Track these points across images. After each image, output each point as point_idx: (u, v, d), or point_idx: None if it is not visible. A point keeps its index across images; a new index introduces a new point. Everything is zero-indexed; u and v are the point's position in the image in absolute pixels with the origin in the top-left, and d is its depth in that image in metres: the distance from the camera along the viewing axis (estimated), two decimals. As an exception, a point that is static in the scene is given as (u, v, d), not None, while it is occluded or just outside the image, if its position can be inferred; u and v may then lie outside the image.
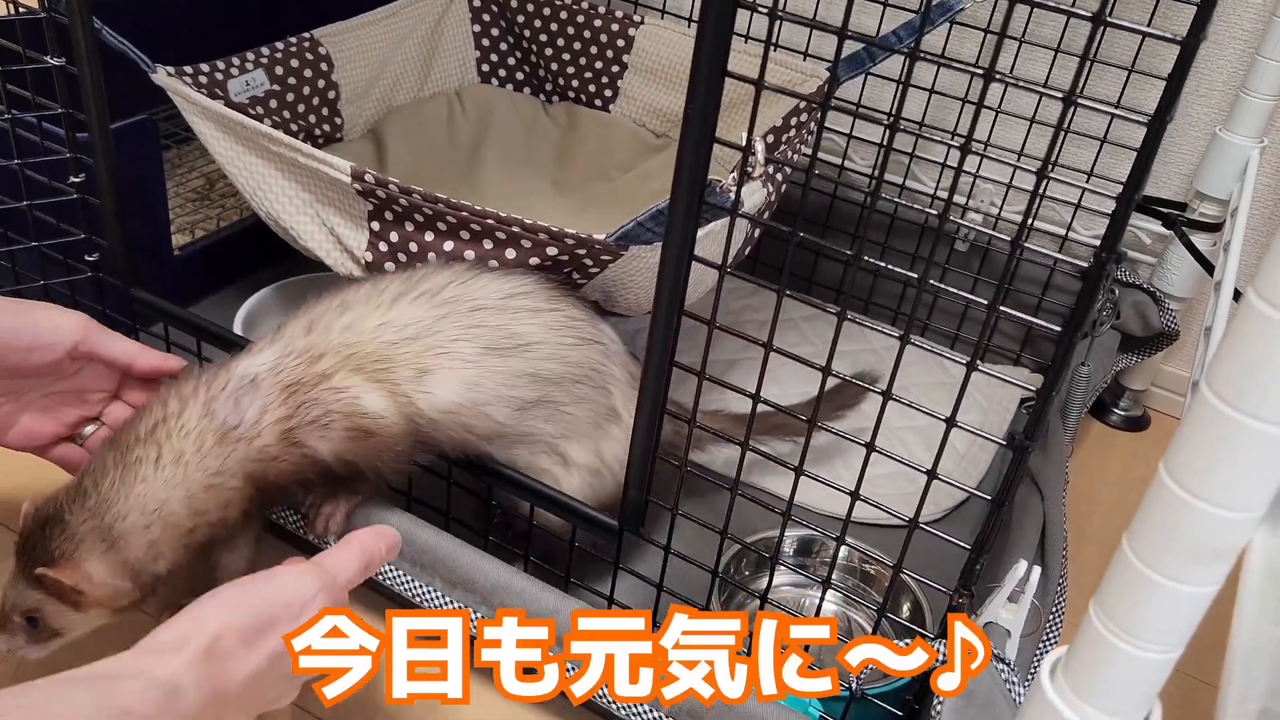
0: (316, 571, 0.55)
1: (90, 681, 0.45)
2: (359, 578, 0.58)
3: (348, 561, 0.57)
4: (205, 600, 0.51)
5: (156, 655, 0.48)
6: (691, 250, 0.57)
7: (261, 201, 0.85)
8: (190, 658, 0.48)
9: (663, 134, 1.12)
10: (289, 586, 0.53)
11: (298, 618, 0.52)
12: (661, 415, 0.63)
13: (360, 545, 0.58)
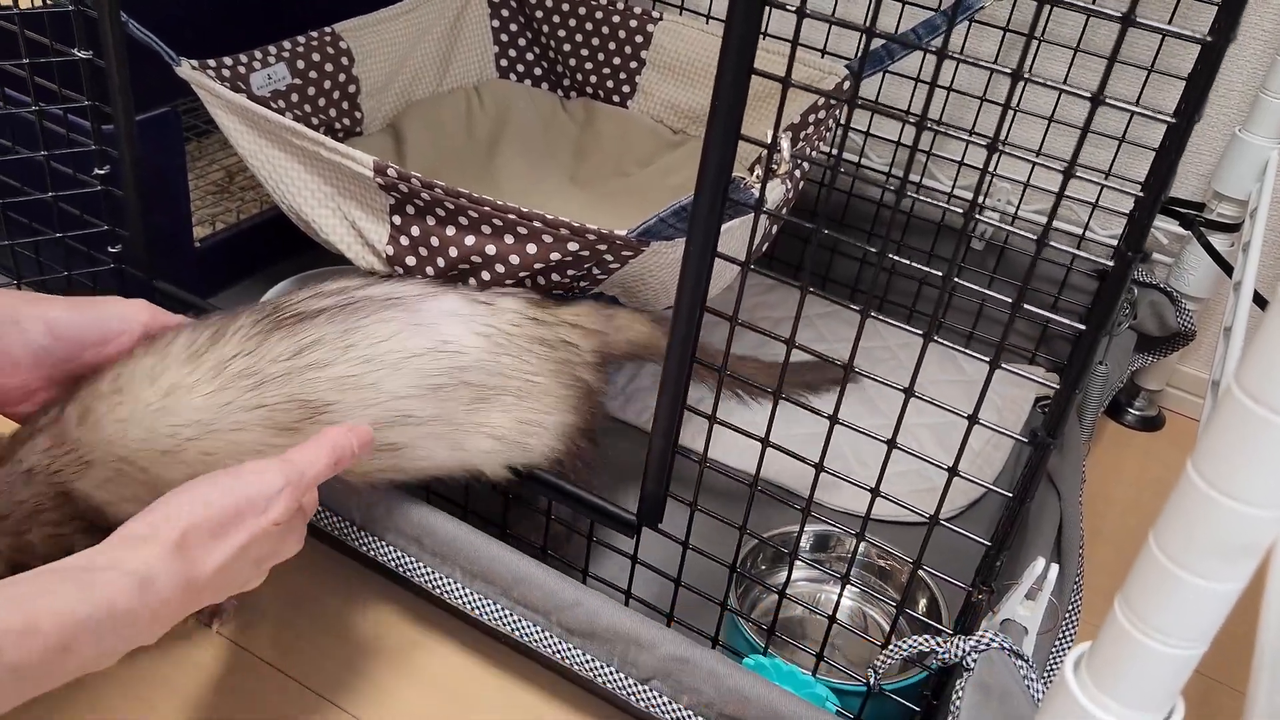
0: (283, 466, 0.56)
1: (73, 574, 0.48)
2: (328, 472, 0.59)
3: (316, 457, 0.58)
4: (176, 493, 0.53)
5: (130, 547, 0.50)
6: (715, 247, 0.57)
7: (283, 194, 0.85)
8: (161, 549, 0.50)
9: (680, 130, 1.13)
10: (255, 481, 0.55)
11: (264, 511, 0.54)
12: (682, 411, 0.64)
13: (331, 440, 0.59)
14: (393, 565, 0.72)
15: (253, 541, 0.54)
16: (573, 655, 0.67)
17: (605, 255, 0.75)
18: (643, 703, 0.65)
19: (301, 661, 0.74)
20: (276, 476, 0.55)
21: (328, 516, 0.74)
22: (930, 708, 0.64)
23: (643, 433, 0.96)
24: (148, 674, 0.71)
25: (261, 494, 0.54)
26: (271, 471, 0.55)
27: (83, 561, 0.49)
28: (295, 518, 0.57)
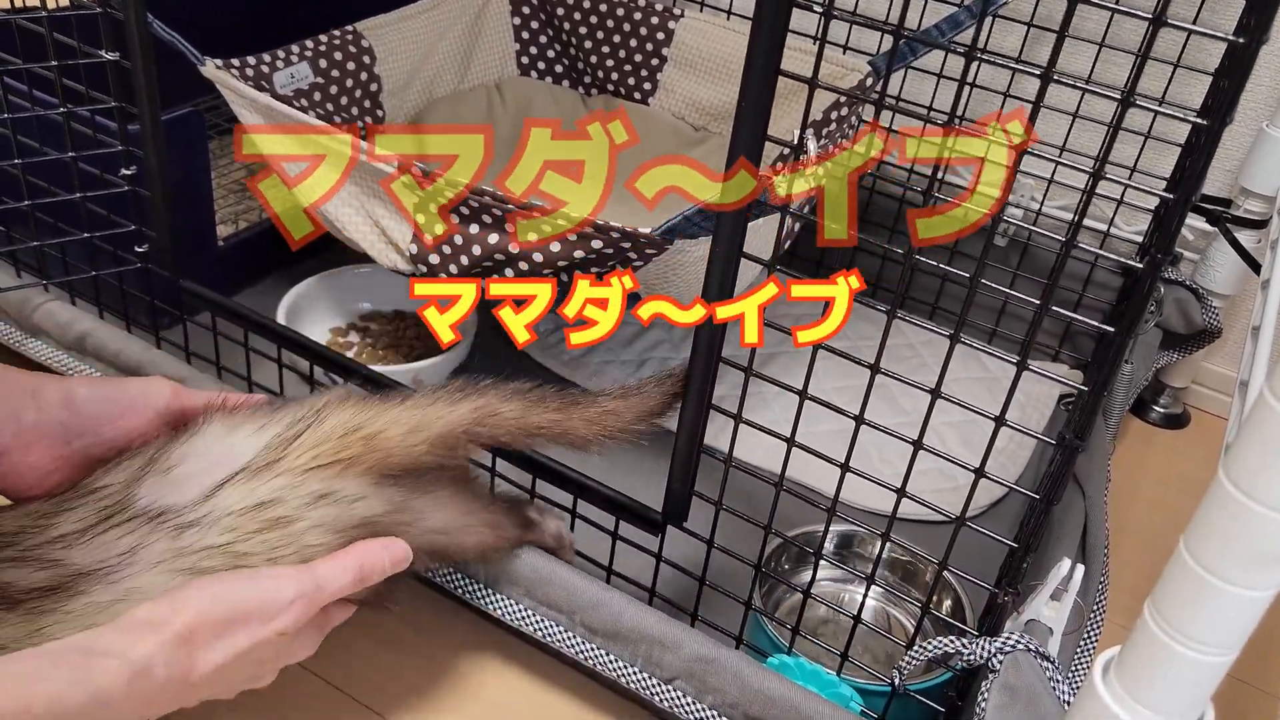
0: (301, 576, 0.55)
1: (72, 658, 0.47)
2: (351, 588, 0.57)
3: (340, 571, 0.56)
4: (188, 586, 0.52)
5: (133, 634, 0.49)
6: (741, 245, 0.57)
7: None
8: (164, 640, 0.49)
9: (701, 127, 1.12)
10: (268, 586, 0.53)
11: (271, 620, 0.53)
12: (707, 410, 0.64)
13: (359, 555, 0.57)
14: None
15: (256, 646, 0.53)
16: (596, 656, 0.67)
17: (629, 253, 0.75)
18: (666, 703, 0.65)
19: (321, 656, 0.74)
20: (291, 586, 0.54)
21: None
22: (955, 708, 0.64)
23: (666, 432, 0.96)
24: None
25: (273, 601, 0.53)
26: (287, 579, 0.54)
27: (85, 643, 0.48)
28: (310, 626, 0.56)
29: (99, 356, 0.82)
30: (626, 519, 0.70)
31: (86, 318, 0.84)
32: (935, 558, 0.62)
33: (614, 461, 0.92)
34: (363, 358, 0.98)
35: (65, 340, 0.84)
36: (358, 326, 1.03)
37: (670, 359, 1.05)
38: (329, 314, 1.03)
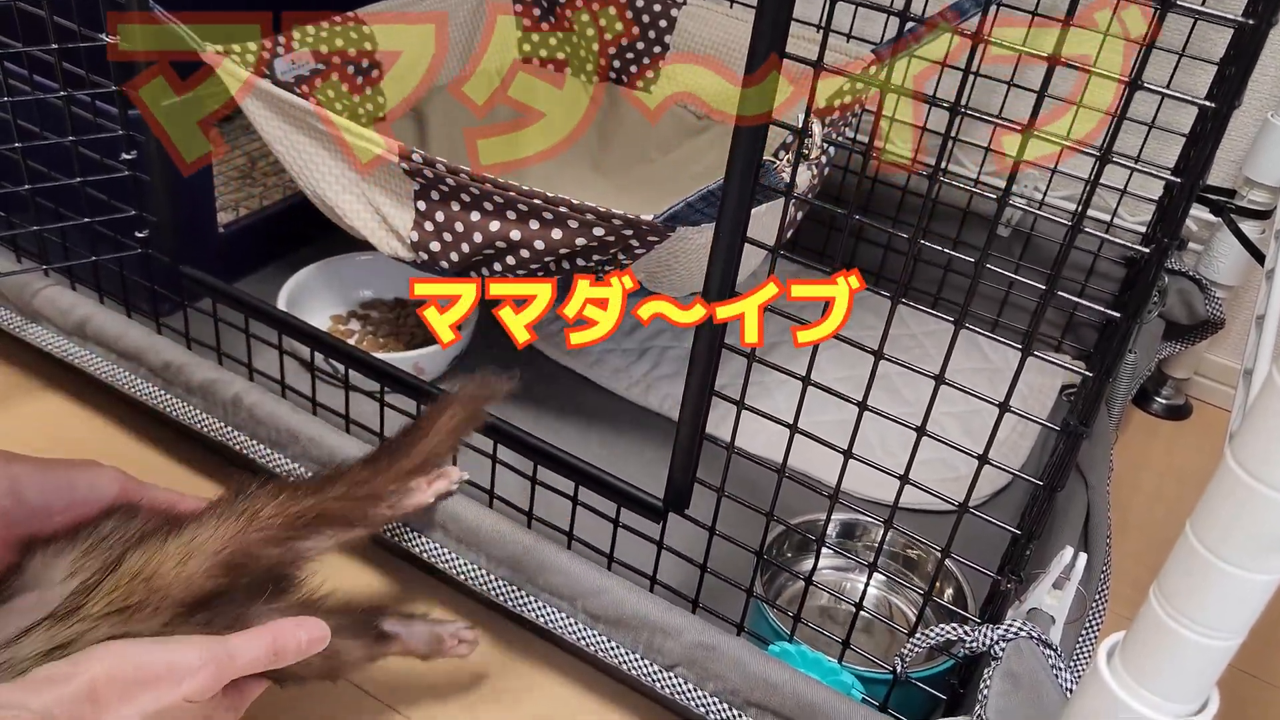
0: (210, 645, 0.54)
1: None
2: (262, 664, 0.56)
3: (253, 645, 0.56)
4: (95, 647, 0.52)
5: (37, 688, 0.49)
6: (745, 232, 0.57)
7: (308, 180, 0.85)
8: (68, 693, 0.49)
9: (704, 116, 1.12)
10: (176, 650, 0.53)
11: (178, 685, 0.52)
12: (710, 397, 0.63)
13: (274, 632, 0.57)
14: (417, 551, 0.72)
15: (164, 711, 0.52)
16: (598, 642, 0.67)
17: (631, 240, 0.75)
18: (668, 689, 0.65)
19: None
20: (197, 653, 0.53)
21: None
22: (956, 696, 0.64)
23: (667, 420, 0.96)
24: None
25: (181, 665, 0.52)
26: (195, 646, 0.54)
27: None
28: (225, 699, 0.55)
29: (99, 341, 0.82)
30: (628, 506, 0.70)
31: (87, 303, 0.83)
32: (938, 546, 0.62)
33: (613, 447, 0.92)
34: (363, 345, 0.98)
35: (66, 326, 0.83)
36: (358, 314, 1.03)
37: (671, 348, 1.05)
38: (330, 301, 1.02)
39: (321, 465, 0.74)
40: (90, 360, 0.82)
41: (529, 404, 0.94)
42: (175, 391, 0.79)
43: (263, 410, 0.76)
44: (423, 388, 0.75)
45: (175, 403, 0.79)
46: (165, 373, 0.79)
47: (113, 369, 0.82)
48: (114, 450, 0.87)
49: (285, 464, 0.75)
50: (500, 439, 0.73)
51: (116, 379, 0.81)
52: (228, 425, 0.78)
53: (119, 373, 0.81)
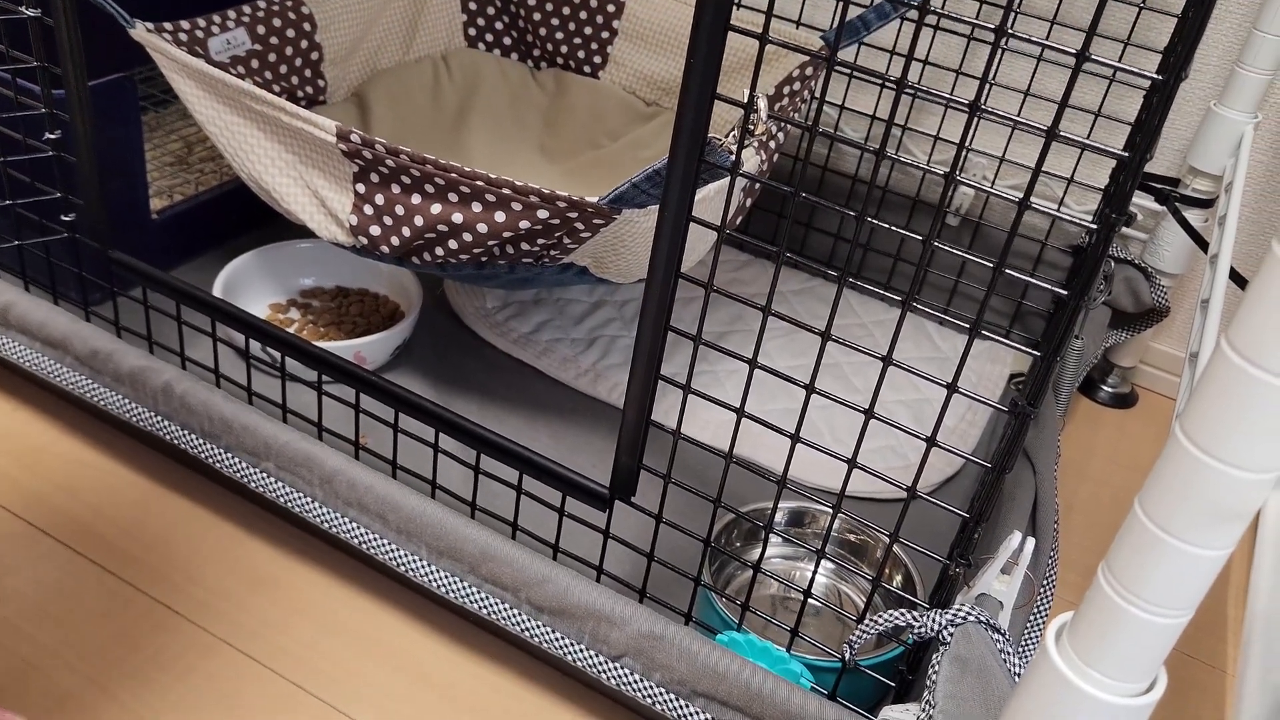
0: None
1: None
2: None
3: None
4: None
5: None
6: (690, 209, 0.56)
7: (243, 163, 0.83)
8: None
9: (653, 102, 1.11)
10: None
11: None
12: (655, 381, 0.62)
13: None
14: (356, 543, 0.70)
15: None
16: (542, 634, 0.65)
17: (576, 223, 0.73)
18: (614, 681, 0.64)
19: (263, 644, 0.72)
20: None
21: (287, 492, 0.71)
22: (906, 683, 0.64)
23: (616, 410, 0.94)
24: (116, 665, 0.68)
25: None
26: None
27: None
28: None
29: (22, 329, 0.79)
30: (573, 495, 0.68)
31: (9, 289, 0.80)
32: (886, 532, 0.61)
33: (561, 438, 0.90)
34: (304, 334, 0.95)
35: (-14, 313, 0.80)
36: (299, 303, 1.00)
37: (620, 337, 1.03)
38: (269, 289, 1.00)
39: (256, 456, 0.72)
40: (12, 349, 0.79)
41: (475, 393, 0.92)
42: (103, 380, 0.76)
43: (195, 399, 0.73)
44: (363, 376, 0.73)
45: (103, 392, 0.76)
46: (93, 361, 0.76)
47: (37, 358, 0.78)
48: (38, 443, 0.84)
49: (219, 455, 0.73)
50: (442, 427, 0.71)
51: (41, 368, 0.78)
52: (158, 415, 0.75)
53: (44, 361, 0.78)
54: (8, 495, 0.78)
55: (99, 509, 0.78)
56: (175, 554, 0.76)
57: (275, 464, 0.71)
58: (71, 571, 0.73)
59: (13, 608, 0.70)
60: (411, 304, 0.98)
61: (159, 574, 0.74)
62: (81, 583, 0.73)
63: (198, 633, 0.71)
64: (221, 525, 0.79)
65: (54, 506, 0.78)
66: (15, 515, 0.77)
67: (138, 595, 0.73)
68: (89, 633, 0.70)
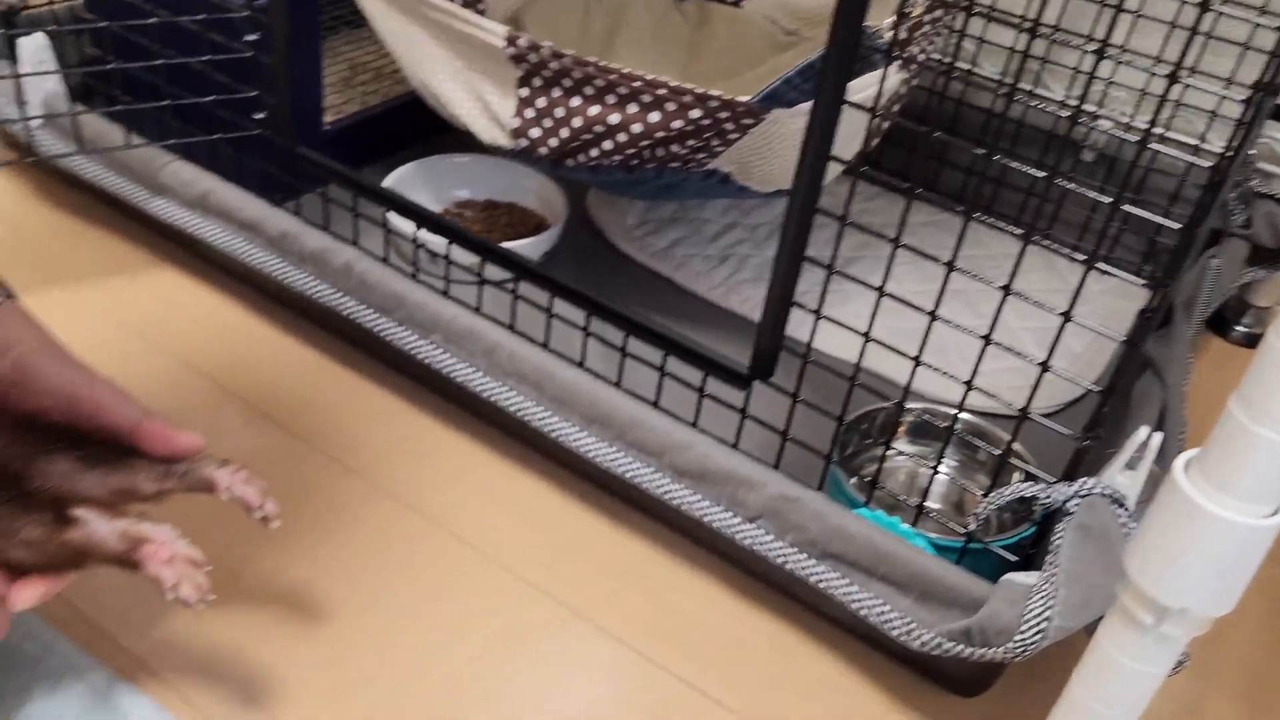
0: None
1: None
2: None
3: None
4: None
5: None
6: (843, 93, 0.59)
7: (416, 70, 0.89)
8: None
9: (793, 31, 1.14)
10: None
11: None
12: (800, 262, 0.66)
13: None
14: (512, 409, 0.76)
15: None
16: (683, 496, 0.70)
17: (726, 124, 0.77)
18: (748, 540, 0.68)
19: (421, 500, 0.78)
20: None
21: (452, 363, 0.78)
22: (1028, 559, 0.66)
23: (745, 321, 0.99)
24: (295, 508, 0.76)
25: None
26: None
27: None
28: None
29: (220, 214, 0.87)
30: (714, 374, 0.73)
31: (209, 177, 0.89)
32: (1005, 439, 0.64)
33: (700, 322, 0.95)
34: (458, 239, 1.02)
35: (189, 198, 0.89)
36: (452, 212, 1.07)
37: (752, 256, 1.07)
38: (426, 199, 1.07)
39: (425, 329, 0.79)
40: (210, 231, 0.88)
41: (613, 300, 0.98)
42: (290, 260, 0.84)
43: (372, 277, 0.80)
44: (522, 263, 0.79)
45: (289, 271, 0.84)
46: (281, 242, 0.84)
47: (231, 239, 0.87)
48: (227, 320, 0.92)
49: (391, 328, 0.80)
50: (594, 310, 0.76)
51: (234, 249, 0.86)
52: (337, 291, 0.82)
53: (237, 243, 0.86)
54: (204, 363, 0.87)
55: (278, 378, 0.87)
56: (344, 420, 0.84)
57: (442, 336, 0.78)
58: (259, 428, 0.82)
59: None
60: (557, 217, 1.04)
61: (331, 436, 0.82)
62: (266, 436, 0.81)
63: (365, 487, 0.79)
64: (384, 397, 0.86)
65: (241, 374, 0.87)
66: (209, 378, 0.86)
67: (314, 451, 0.81)
68: (270, 477, 0.78)
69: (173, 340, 0.89)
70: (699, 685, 0.69)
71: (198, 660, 0.66)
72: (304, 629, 0.68)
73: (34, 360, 0.58)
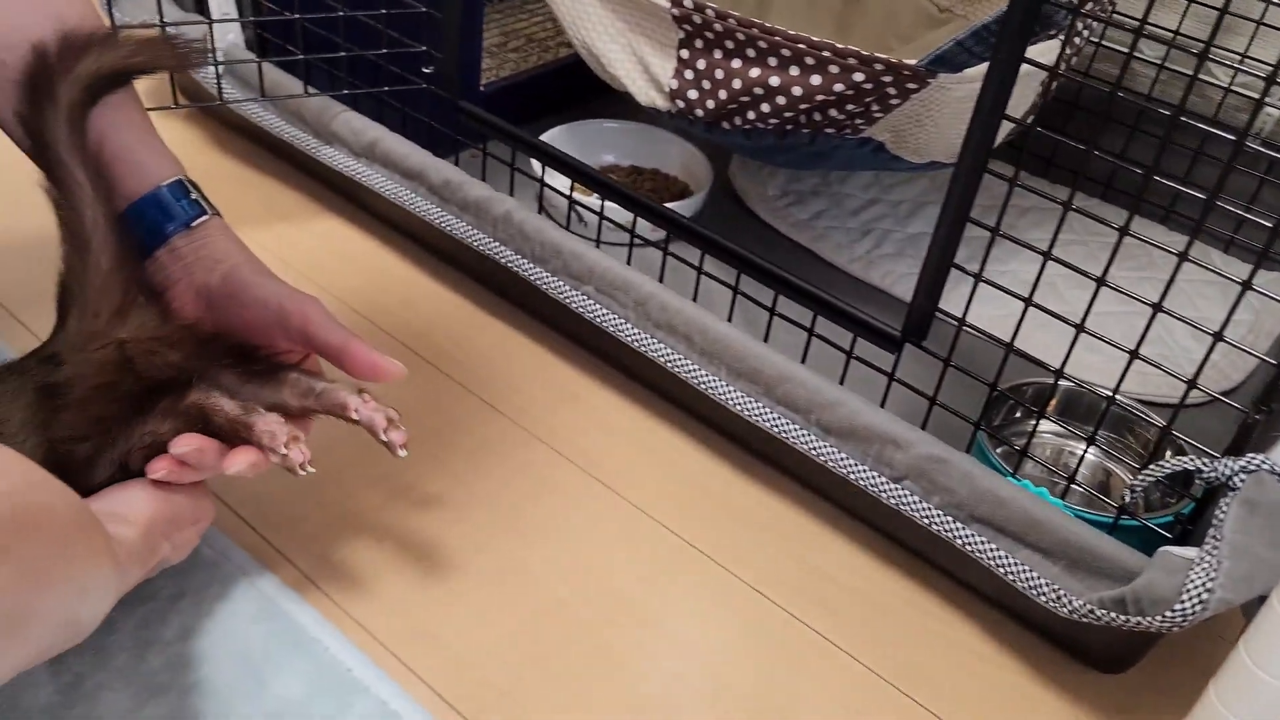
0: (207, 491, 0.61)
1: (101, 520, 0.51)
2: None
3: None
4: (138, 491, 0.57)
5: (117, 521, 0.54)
6: (1022, 51, 0.59)
7: (577, 30, 0.92)
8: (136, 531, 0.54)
9: (947, 9, 1.13)
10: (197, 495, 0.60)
11: (199, 520, 0.60)
12: (964, 223, 0.66)
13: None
14: (662, 361, 0.77)
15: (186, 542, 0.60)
16: (828, 453, 0.71)
17: (889, 88, 0.77)
18: (893, 500, 0.69)
19: (568, 444, 0.81)
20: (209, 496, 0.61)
21: (603, 314, 0.80)
22: (1185, 534, 0.65)
23: (884, 294, 0.99)
24: (449, 444, 0.80)
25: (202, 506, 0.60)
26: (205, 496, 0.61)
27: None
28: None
29: (386, 162, 0.91)
30: (865, 335, 0.73)
31: (377, 127, 0.93)
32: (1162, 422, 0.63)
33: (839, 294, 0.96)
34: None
35: (357, 147, 0.93)
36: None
37: (894, 231, 1.07)
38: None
39: (578, 279, 0.81)
40: (375, 179, 0.92)
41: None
42: (450, 209, 0.88)
43: (530, 226, 0.83)
44: (675, 219, 0.81)
45: (450, 219, 0.87)
46: (443, 190, 0.88)
47: (395, 187, 0.91)
48: (382, 265, 0.97)
49: (546, 278, 0.82)
50: (744, 268, 0.78)
51: (398, 196, 0.90)
52: (495, 240, 0.85)
53: (400, 191, 0.90)
54: (361, 304, 0.91)
55: (432, 322, 0.90)
56: (495, 366, 0.87)
57: (595, 287, 0.80)
58: (412, 367, 0.85)
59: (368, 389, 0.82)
60: (700, 185, 1.05)
61: (483, 380, 0.85)
62: (420, 375, 0.85)
63: (515, 429, 0.81)
64: (533, 347, 0.89)
65: (397, 316, 0.90)
66: (367, 319, 0.90)
67: (467, 394, 0.84)
68: (427, 417, 0.81)
69: (334, 281, 0.93)
70: (833, 638, 0.69)
71: (355, 575, 0.69)
72: (456, 554, 0.71)
73: (245, 274, 0.63)
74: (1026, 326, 0.65)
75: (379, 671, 0.63)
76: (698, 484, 0.79)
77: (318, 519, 0.72)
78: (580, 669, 0.65)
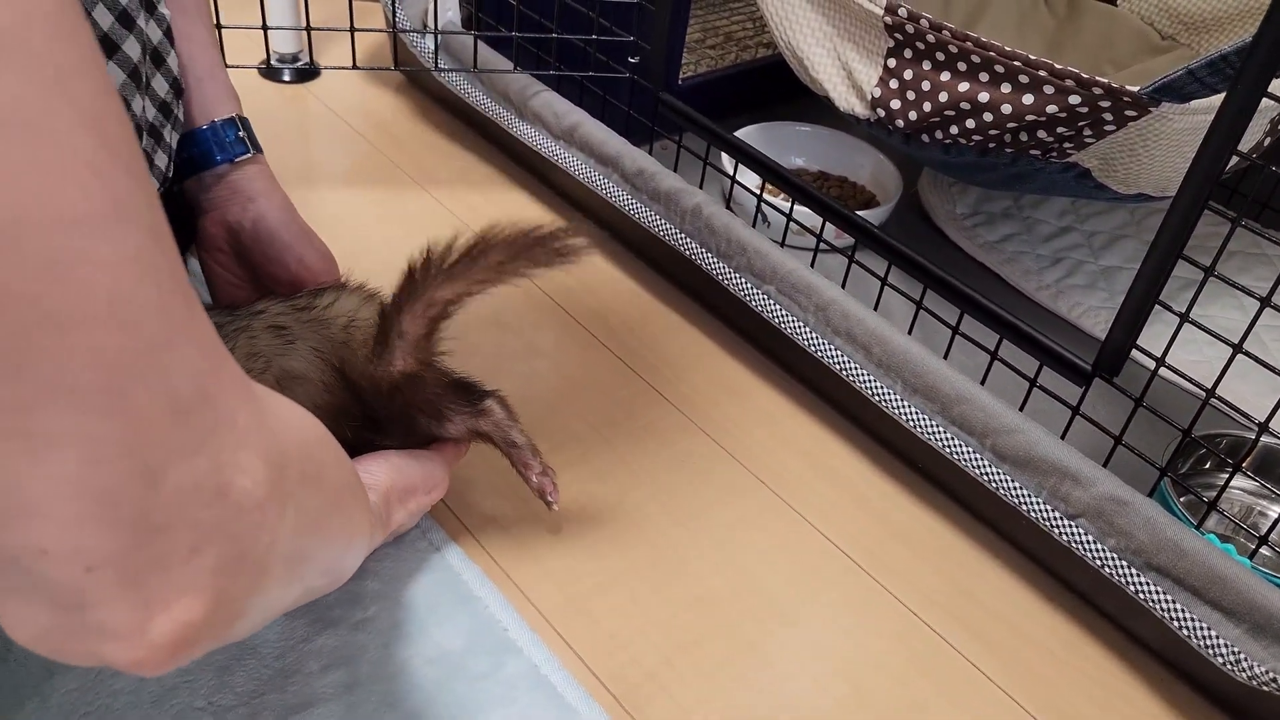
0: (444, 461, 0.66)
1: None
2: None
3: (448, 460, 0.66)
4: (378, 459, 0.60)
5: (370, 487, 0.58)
6: (1267, 84, 0.56)
7: (784, 31, 0.92)
8: (377, 496, 0.58)
9: (1169, 36, 1.08)
10: (430, 465, 0.64)
11: (431, 490, 0.64)
12: (1176, 258, 0.63)
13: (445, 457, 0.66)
14: (837, 368, 0.77)
15: (419, 510, 0.64)
16: (1001, 481, 0.69)
17: (1104, 114, 0.75)
18: (1065, 538, 0.66)
19: (729, 438, 0.81)
20: (441, 466, 0.65)
21: (783, 315, 0.80)
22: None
23: (1071, 326, 0.95)
24: (616, 425, 0.82)
25: (433, 476, 0.64)
26: (438, 460, 0.65)
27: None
28: None
29: (583, 147, 0.94)
30: (1052, 365, 0.71)
31: (578, 111, 0.95)
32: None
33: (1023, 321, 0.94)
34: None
35: (557, 129, 0.96)
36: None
37: (1086, 263, 1.03)
38: (762, 162, 1.10)
39: (761, 278, 0.81)
40: (570, 162, 0.94)
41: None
42: (641, 198, 0.90)
43: (718, 221, 0.84)
44: (864, 226, 0.80)
45: (640, 207, 0.89)
46: (636, 179, 0.90)
47: (590, 171, 0.93)
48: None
49: (729, 273, 0.83)
50: (931, 283, 0.76)
51: (591, 180, 0.93)
52: (682, 233, 0.87)
53: (594, 175, 0.93)
54: (544, 282, 0.94)
55: (609, 306, 0.92)
56: (666, 355, 0.88)
57: (777, 288, 0.80)
58: (587, 347, 0.88)
59: (546, 363, 0.85)
60: (888, 197, 1.04)
61: (653, 367, 0.87)
62: (594, 356, 0.87)
63: (680, 416, 0.82)
64: (705, 341, 0.90)
65: (575, 297, 0.93)
66: (549, 296, 0.93)
67: (636, 378, 0.85)
68: (597, 396, 0.83)
69: (520, 257, 0.97)
70: (982, 666, 0.68)
71: (518, 542, 0.72)
72: (614, 533, 0.73)
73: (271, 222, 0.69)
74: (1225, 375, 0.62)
75: (534, 636, 0.65)
76: (857, 494, 0.79)
77: (486, 483, 0.75)
78: (726, 661, 0.66)
